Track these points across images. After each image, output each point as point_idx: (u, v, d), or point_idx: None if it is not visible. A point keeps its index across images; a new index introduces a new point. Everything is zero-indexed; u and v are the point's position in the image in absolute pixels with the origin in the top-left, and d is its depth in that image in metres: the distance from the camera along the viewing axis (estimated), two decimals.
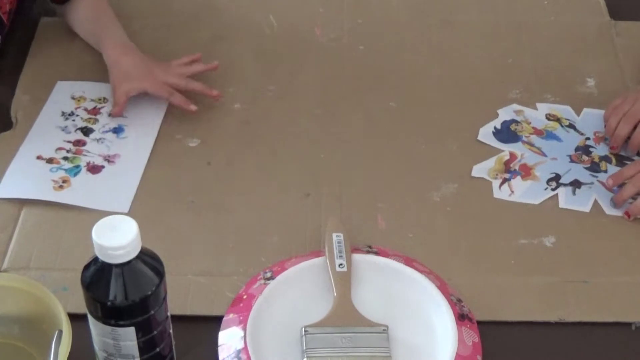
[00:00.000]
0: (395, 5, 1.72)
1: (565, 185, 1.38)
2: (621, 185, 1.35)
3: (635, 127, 1.40)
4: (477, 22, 1.69)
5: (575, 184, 1.38)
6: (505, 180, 1.38)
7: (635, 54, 1.61)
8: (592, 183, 1.38)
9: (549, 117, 1.49)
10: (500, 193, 1.37)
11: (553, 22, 1.69)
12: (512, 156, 1.42)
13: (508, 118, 1.49)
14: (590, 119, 1.49)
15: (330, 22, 1.67)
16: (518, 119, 1.49)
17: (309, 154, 1.42)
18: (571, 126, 1.48)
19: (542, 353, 1.17)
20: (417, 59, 1.61)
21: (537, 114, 1.50)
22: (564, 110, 1.51)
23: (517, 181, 1.38)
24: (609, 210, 1.34)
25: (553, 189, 1.37)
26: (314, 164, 1.41)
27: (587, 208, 1.34)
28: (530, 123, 1.48)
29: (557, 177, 1.39)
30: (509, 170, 1.40)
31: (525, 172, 1.40)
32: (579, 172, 1.40)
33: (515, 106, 1.51)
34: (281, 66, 1.58)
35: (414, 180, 1.38)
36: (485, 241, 1.30)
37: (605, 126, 1.45)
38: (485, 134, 1.46)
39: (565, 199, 1.36)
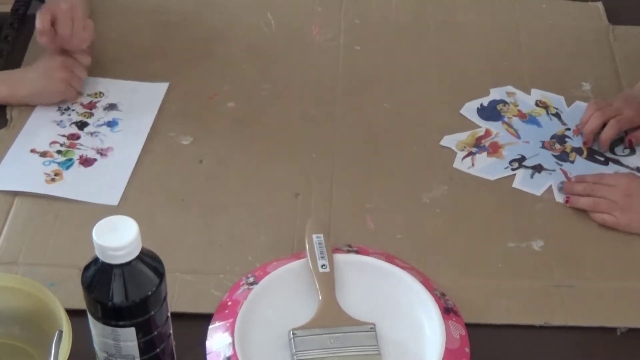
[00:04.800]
0: (394, 6, 1.74)
1: (526, 167, 1.43)
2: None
3: (605, 124, 1.45)
4: (474, 24, 1.72)
5: (537, 168, 1.43)
6: (470, 154, 1.44)
7: (632, 58, 1.62)
8: (553, 170, 1.43)
9: (539, 103, 1.55)
10: (461, 164, 1.43)
11: (551, 26, 1.72)
12: (487, 133, 1.49)
13: (498, 97, 1.55)
14: (579, 112, 1.53)
15: (327, 21, 1.70)
16: (508, 100, 1.55)
17: (300, 154, 1.46)
18: (557, 115, 1.53)
19: (527, 356, 1.21)
20: (413, 61, 1.64)
21: (528, 99, 1.56)
22: (556, 100, 1.56)
23: (482, 156, 1.44)
24: (559, 197, 1.39)
25: (513, 169, 1.43)
26: (306, 163, 1.44)
27: (538, 192, 1.39)
28: (517, 106, 1.54)
29: (521, 159, 1.44)
30: (478, 145, 1.46)
31: (493, 149, 1.45)
32: (545, 158, 1.45)
33: (510, 88, 1.57)
34: (277, 65, 1.62)
35: (404, 181, 1.42)
36: (473, 244, 1.33)
37: None
38: (469, 109, 1.52)
39: (521, 180, 1.41)
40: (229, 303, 1.20)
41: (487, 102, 1.53)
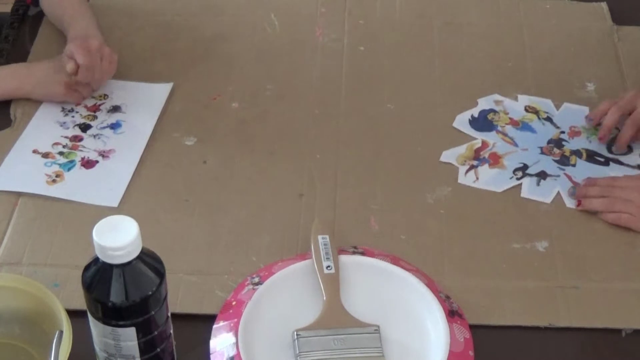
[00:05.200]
0: (398, 7, 1.73)
1: (531, 175, 1.42)
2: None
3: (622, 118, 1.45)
4: (478, 24, 1.72)
5: (541, 175, 1.42)
6: (472, 167, 1.43)
7: (637, 58, 1.63)
8: (558, 176, 1.42)
9: (528, 109, 1.54)
10: (465, 179, 1.41)
11: (555, 26, 1.71)
12: (484, 144, 1.47)
13: (487, 107, 1.54)
14: (569, 114, 1.53)
15: (331, 22, 1.70)
16: (497, 108, 1.54)
17: (305, 155, 1.46)
18: (548, 119, 1.52)
19: (532, 358, 1.20)
20: (417, 61, 1.63)
21: (516, 105, 1.55)
22: (544, 103, 1.55)
23: (484, 168, 1.43)
24: (569, 203, 1.38)
25: (518, 179, 1.42)
26: (310, 164, 1.44)
27: (548, 199, 1.38)
28: (507, 113, 1.53)
29: (524, 167, 1.44)
30: (478, 157, 1.45)
31: (494, 160, 1.44)
32: (547, 164, 1.44)
33: (496, 96, 1.56)
34: (281, 65, 1.62)
35: (409, 182, 1.42)
36: (477, 245, 1.33)
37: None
38: (462, 121, 1.51)
39: (528, 189, 1.40)
40: (234, 303, 1.19)
41: (477, 112, 1.52)
